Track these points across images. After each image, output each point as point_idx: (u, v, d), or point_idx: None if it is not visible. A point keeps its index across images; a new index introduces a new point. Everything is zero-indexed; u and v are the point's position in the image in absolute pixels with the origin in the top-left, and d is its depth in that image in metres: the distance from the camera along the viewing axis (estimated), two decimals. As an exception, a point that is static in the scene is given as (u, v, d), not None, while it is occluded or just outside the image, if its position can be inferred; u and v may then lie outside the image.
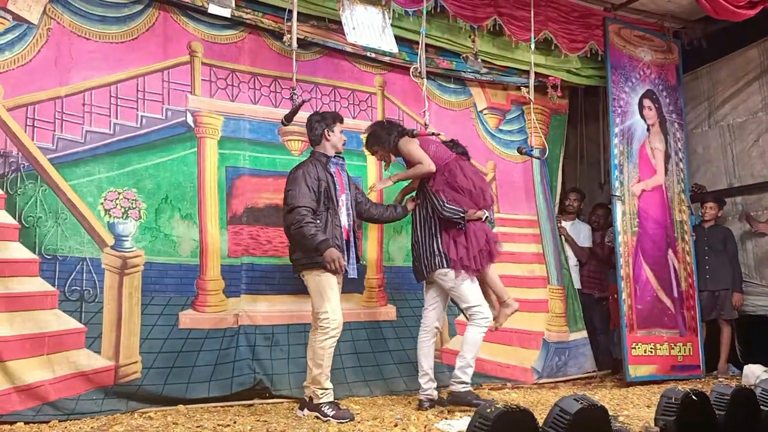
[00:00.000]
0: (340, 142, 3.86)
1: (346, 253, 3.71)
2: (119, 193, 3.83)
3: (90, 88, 3.81)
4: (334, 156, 3.84)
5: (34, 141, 3.63)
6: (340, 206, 3.74)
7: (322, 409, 3.54)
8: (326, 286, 3.61)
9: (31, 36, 3.68)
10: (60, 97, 3.72)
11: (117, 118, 3.87)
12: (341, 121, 3.90)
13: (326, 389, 3.61)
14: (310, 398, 3.62)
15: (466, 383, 3.87)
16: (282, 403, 4.05)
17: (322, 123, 3.81)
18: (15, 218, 3.54)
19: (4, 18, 3.61)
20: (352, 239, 3.82)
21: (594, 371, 5.42)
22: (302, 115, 3.82)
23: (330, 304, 3.60)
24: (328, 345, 3.59)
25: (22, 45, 3.65)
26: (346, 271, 3.68)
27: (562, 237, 5.63)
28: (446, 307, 4.11)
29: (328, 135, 3.81)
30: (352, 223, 3.83)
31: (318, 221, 3.58)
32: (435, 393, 3.99)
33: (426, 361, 3.96)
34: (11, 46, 3.62)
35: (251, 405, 3.95)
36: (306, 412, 3.63)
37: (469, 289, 3.88)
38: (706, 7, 4.89)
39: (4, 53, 3.59)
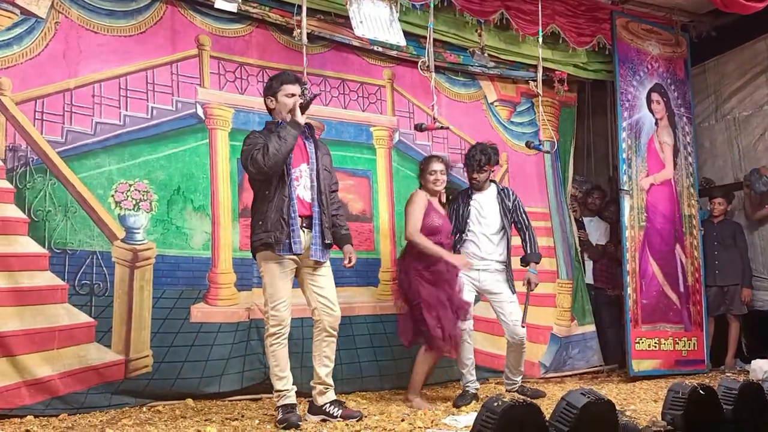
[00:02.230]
0: (287, 108, 3.32)
1: (290, 225, 3.25)
2: (130, 185, 3.83)
3: (99, 80, 3.81)
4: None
5: (43, 134, 3.63)
6: (296, 178, 3.32)
7: (327, 409, 3.38)
8: (269, 276, 3.28)
9: (39, 30, 3.67)
10: (69, 90, 3.72)
11: (127, 110, 3.87)
12: (291, 81, 3.38)
13: (279, 391, 3.29)
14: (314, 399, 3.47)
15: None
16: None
17: (265, 90, 3.45)
18: (24, 212, 3.55)
19: (12, 12, 3.61)
20: (317, 216, 3.37)
21: (601, 365, 5.43)
22: (312, 108, 3.79)
23: (271, 299, 3.27)
24: (269, 343, 3.28)
25: (30, 39, 3.65)
26: (290, 249, 3.25)
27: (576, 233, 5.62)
28: None
29: (271, 102, 3.40)
30: (317, 196, 3.37)
31: (267, 192, 3.25)
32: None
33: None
34: (19, 40, 3.61)
35: (259, 399, 3.96)
36: (310, 416, 3.42)
37: None
38: (715, 0, 4.87)
39: (12, 47, 3.59)
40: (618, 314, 5.67)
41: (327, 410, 3.38)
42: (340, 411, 3.37)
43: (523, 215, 4.30)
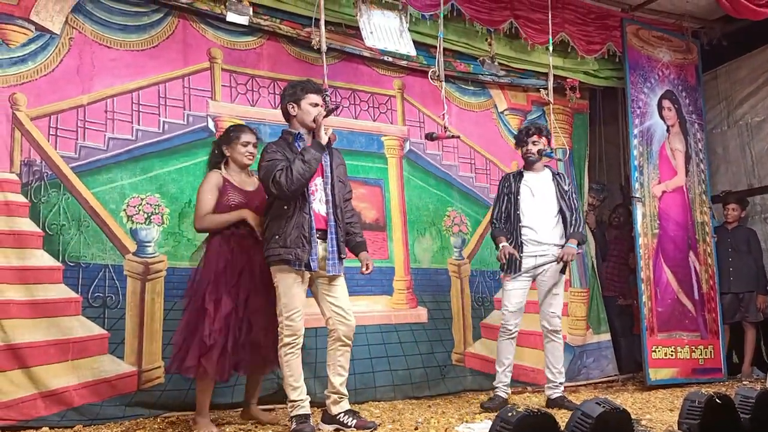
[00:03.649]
0: (310, 116, 3.29)
1: (311, 243, 3.23)
2: (142, 199, 3.86)
3: (112, 95, 3.85)
4: (311, 134, 3.34)
5: (57, 150, 3.67)
6: (312, 192, 3.29)
7: (341, 419, 3.35)
8: (284, 288, 3.25)
9: (53, 46, 3.72)
10: (82, 106, 3.76)
11: (139, 124, 3.90)
12: (316, 91, 3.35)
13: (294, 401, 3.25)
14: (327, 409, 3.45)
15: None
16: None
17: (286, 95, 3.37)
18: (39, 226, 3.59)
19: (27, 28, 3.66)
20: (333, 229, 3.34)
21: (616, 375, 5.38)
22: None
23: (286, 309, 3.23)
24: (284, 353, 3.24)
25: (45, 55, 3.70)
26: (309, 266, 3.23)
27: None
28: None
29: (293, 109, 3.36)
30: (332, 210, 3.34)
31: (285, 208, 3.22)
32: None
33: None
34: (34, 56, 3.66)
35: (272, 409, 3.96)
36: (324, 426, 3.39)
37: None
38: (726, 6, 4.86)
39: (27, 63, 3.64)
40: (630, 323, 5.64)
41: (341, 420, 3.36)
42: (355, 421, 3.34)
43: (575, 199, 4.21)
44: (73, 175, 3.70)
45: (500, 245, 4.09)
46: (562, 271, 4.10)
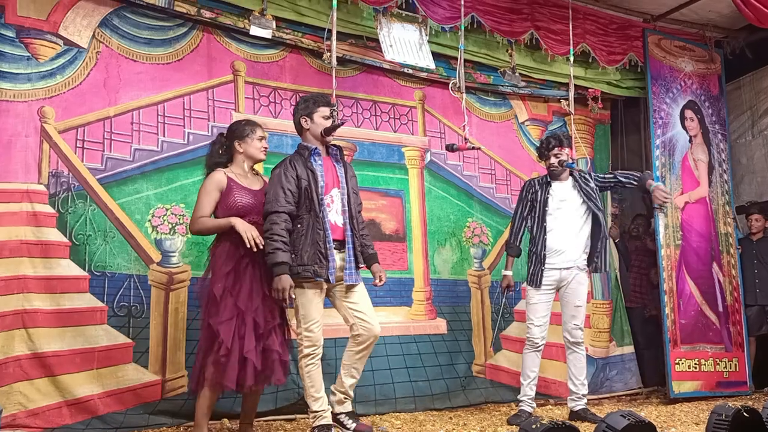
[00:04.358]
0: (321, 128, 3.36)
1: (328, 259, 3.25)
2: (167, 209, 3.90)
3: (138, 108, 3.91)
4: (326, 146, 3.42)
5: (84, 162, 3.74)
6: (327, 204, 3.31)
7: (342, 420, 3.37)
8: (302, 300, 3.26)
9: (81, 59, 3.79)
10: (109, 118, 3.82)
11: (164, 136, 3.96)
12: (327, 104, 3.40)
13: (315, 412, 3.27)
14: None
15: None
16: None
17: (299, 110, 3.41)
18: (66, 236, 3.64)
19: (56, 43, 3.73)
20: (350, 239, 3.37)
21: (640, 388, 5.32)
22: (344, 130, 3.83)
23: (305, 320, 3.25)
24: (304, 364, 3.26)
25: (72, 68, 3.76)
26: (328, 279, 3.25)
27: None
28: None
29: (306, 123, 3.40)
30: (348, 220, 3.36)
31: (299, 226, 3.23)
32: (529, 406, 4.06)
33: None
34: (62, 70, 3.73)
35: (294, 420, 3.98)
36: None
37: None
38: (749, 16, 4.81)
39: (56, 77, 3.71)
40: (654, 335, 5.58)
41: (341, 420, 3.39)
42: (354, 424, 3.38)
43: (599, 198, 4.19)
44: (99, 186, 3.76)
45: (503, 273, 4.22)
46: (601, 270, 4.14)
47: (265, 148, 3.43)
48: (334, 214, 3.34)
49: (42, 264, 3.55)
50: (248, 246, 3.14)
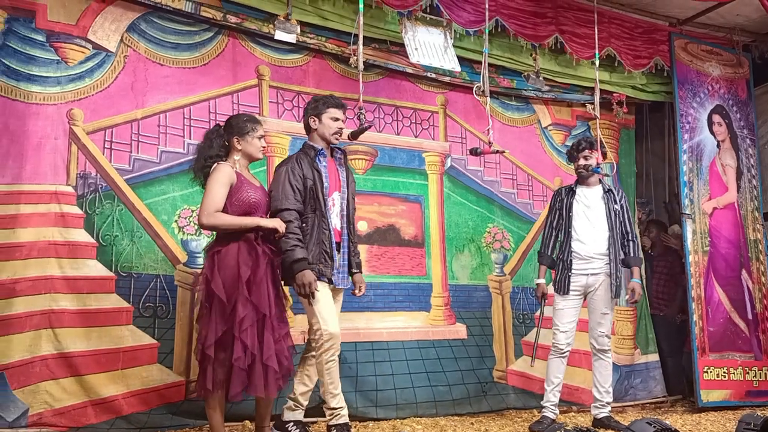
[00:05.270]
0: (330, 131, 3.34)
1: (333, 258, 3.27)
2: (192, 211, 3.93)
3: (165, 111, 3.96)
4: (330, 148, 3.40)
5: (112, 162, 3.79)
6: (330, 206, 3.30)
7: (288, 428, 3.34)
8: (316, 296, 3.20)
9: (109, 63, 3.85)
10: (136, 120, 3.87)
11: (190, 139, 3.99)
12: (337, 106, 3.38)
13: (333, 409, 3.24)
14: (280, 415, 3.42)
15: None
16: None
17: (309, 109, 3.41)
18: (93, 237, 3.69)
19: (85, 47, 3.79)
20: (345, 243, 3.37)
21: (664, 396, 5.23)
22: (365, 135, 3.83)
23: (320, 315, 3.20)
24: (325, 360, 3.20)
25: (101, 72, 3.82)
26: (331, 281, 3.26)
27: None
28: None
29: (314, 123, 3.38)
30: (346, 225, 3.38)
31: (304, 225, 3.22)
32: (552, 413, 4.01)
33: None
34: (91, 73, 3.79)
35: (315, 422, 3.97)
36: None
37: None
38: (778, 19, 4.75)
39: (85, 80, 3.76)
40: (678, 342, 5.49)
41: (289, 429, 3.38)
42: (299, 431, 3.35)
43: (627, 220, 4.13)
44: (126, 186, 3.80)
45: (536, 282, 4.18)
46: (617, 295, 4.03)
47: (265, 147, 3.31)
48: (335, 217, 3.35)
49: (69, 264, 3.59)
50: (279, 235, 3.09)
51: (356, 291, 3.49)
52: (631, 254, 4.08)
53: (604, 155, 4.22)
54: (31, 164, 3.56)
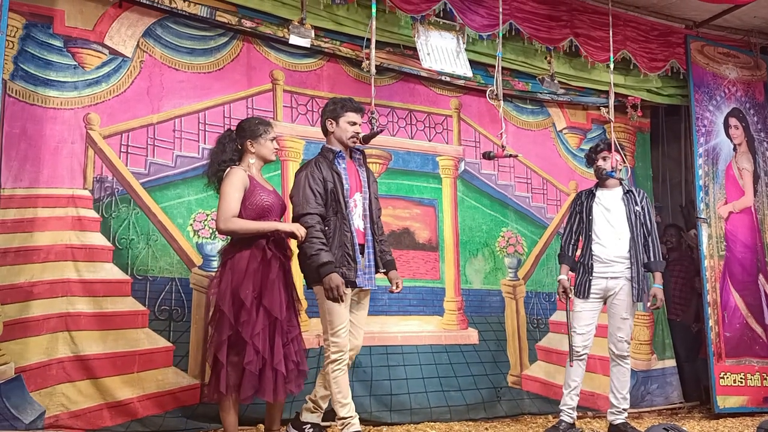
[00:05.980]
0: (347, 135, 3.33)
1: (356, 261, 3.24)
2: (207, 215, 3.95)
3: (180, 115, 3.98)
4: (349, 150, 3.40)
5: (128, 166, 3.81)
6: (351, 208, 3.29)
7: (305, 429, 3.35)
8: (330, 305, 3.19)
9: (125, 68, 3.88)
10: (152, 124, 3.90)
11: (205, 143, 4.01)
12: (355, 110, 3.36)
13: (343, 419, 3.21)
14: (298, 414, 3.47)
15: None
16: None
17: (326, 111, 3.39)
18: (109, 240, 3.71)
19: (101, 52, 3.82)
20: (370, 243, 3.37)
21: (681, 402, 5.18)
22: (379, 138, 3.83)
23: (332, 326, 3.20)
24: (332, 370, 3.20)
25: (117, 76, 3.85)
26: (355, 283, 3.23)
27: None
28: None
29: (331, 126, 3.38)
30: (369, 225, 3.37)
31: (326, 228, 3.21)
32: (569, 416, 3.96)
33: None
34: (107, 78, 3.82)
35: (328, 427, 3.97)
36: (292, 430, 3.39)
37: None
38: (796, 22, 4.71)
39: (101, 85, 3.79)
40: (694, 348, 5.43)
41: (305, 430, 3.39)
42: None
43: (650, 221, 4.07)
44: (143, 190, 3.82)
45: (558, 279, 4.10)
46: (638, 299, 3.99)
47: (277, 149, 3.35)
48: (357, 218, 3.34)
49: (86, 268, 3.61)
50: (298, 240, 3.12)
51: (393, 288, 3.46)
52: (653, 258, 4.03)
53: (623, 159, 4.18)
54: (49, 168, 3.59)
